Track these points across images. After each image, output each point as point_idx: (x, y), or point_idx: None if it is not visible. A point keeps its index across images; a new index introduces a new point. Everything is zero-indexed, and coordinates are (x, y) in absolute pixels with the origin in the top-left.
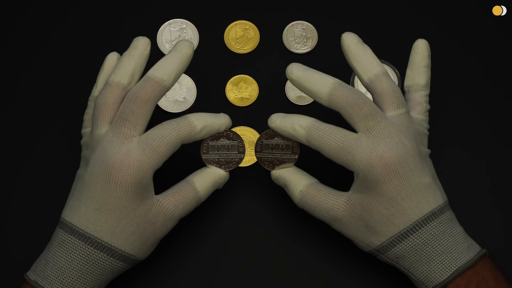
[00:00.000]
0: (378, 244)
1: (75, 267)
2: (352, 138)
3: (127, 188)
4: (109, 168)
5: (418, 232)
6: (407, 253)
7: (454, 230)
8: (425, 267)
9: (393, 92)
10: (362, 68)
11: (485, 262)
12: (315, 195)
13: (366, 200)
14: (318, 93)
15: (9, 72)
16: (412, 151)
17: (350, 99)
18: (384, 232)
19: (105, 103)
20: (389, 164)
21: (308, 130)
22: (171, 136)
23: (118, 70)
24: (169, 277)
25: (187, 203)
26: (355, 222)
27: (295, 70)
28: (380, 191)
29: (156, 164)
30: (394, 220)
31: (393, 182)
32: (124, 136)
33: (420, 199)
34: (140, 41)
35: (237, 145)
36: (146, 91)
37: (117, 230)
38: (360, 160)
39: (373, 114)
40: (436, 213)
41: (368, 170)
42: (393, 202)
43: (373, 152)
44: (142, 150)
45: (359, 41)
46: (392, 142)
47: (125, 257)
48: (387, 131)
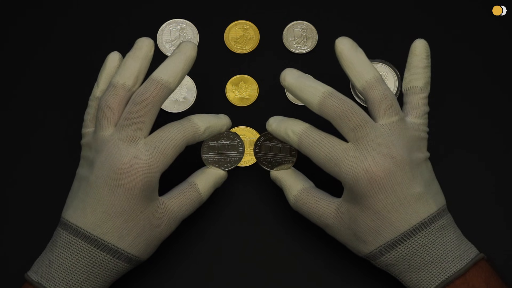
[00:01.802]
0: (367, 252)
1: (81, 269)
2: (340, 149)
3: (136, 191)
4: (118, 171)
5: (406, 243)
6: (396, 262)
7: (446, 238)
8: (413, 276)
9: (385, 100)
10: (355, 75)
11: (478, 269)
12: (307, 201)
13: (353, 211)
14: (309, 102)
15: (8, 71)
16: (401, 163)
17: (339, 109)
18: (371, 242)
19: (110, 105)
20: (374, 178)
21: (300, 137)
22: (177, 138)
23: (123, 72)
24: (169, 277)
25: (190, 205)
26: (345, 230)
27: (288, 77)
28: (366, 204)
29: (163, 166)
30: (381, 232)
31: (379, 196)
32: (131, 139)
33: (408, 211)
34: (145, 42)
35: (237, 145)
36: (152, 93)
37: (124, 233)
38: (346, 173)
39: (362, 125)
40: (426, 223)
41: (354, 184)
42: (379, 215)
43: (359, 166)
44: (150, 153)
45: (352, 47)
46: (380, 154)
47: (130, 259)
48: (376, 142)
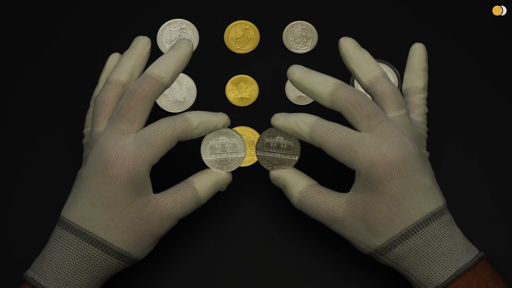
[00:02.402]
0: (378, 245)
1: (70, 263)
2: (355, 136)
3: (122, 182)
4: (105, 162)
5: (419, 233)
6: (408, 254)
7: (454, 232)
8: (425, 268)
9: (393, 93)
10: (361, 71)
11: (485, 264)
12: (314, 196)
13: (368, 199)
14: (320, 93)
15: (10, 72)
16: (414, 151)
17: (353, 99)
18: (385, 232)
19: (104, 100)
20: (392, 163)
21: (312, 127)
22: (167, 131)
23: (118, 68)
24: (169, 277)
25: (185, 203)
26: (356, 223)
27: (296, 71)
28: (382, 189)
29: (152, 159)
30: (395, 220)
31: (396, 181)
32: (121, 132)
33: (421, 199)
34: (140, 40)
35: (237, 144)
36: (143, 87)
37: (112, 225)
38: (363, 158)
39: (376, 113)
40: (436, 214)
41: (371, 168)
42: (395, 201)
43: (377, 151)
44: (138, 145)
45: (356, 45)
46: (395, 141)
47: (120, 254)
48: (390, 130)
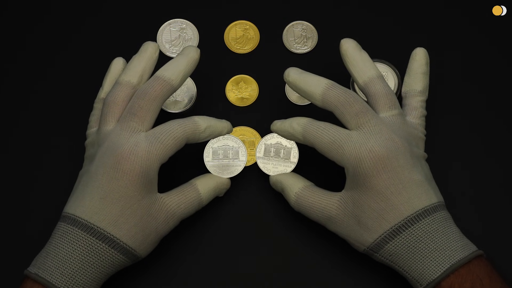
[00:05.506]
0: (371, 242)
1: (76, 258)
2: (343, 133)
3: (134, 177)
4: (118, 157)
5: (410, 229)
6: (401, 250)
7: (449, 229)
8: (418, 265)
9: (386, 94)
10: (358, 72)
11: (481, 262)
12: (309, 196)
13: (357, 195)
14: (312, 93)
15: (11, 74)
16: (402, 149)
17: (342, 98)
18: (376, 228)
19: (114, 101)
20: (378, 158)
21: (304, 127)
22: (178, 131)
23: (128, 71)
24: (169, 277)
25: (189, 204)
26: (348, 220)
27: (291, 73)
28: (369, 185)
29: (162, 156)
30: (385, 215)
31: (382, 176)
32: (132, 130)
33: (411, 195)
34: (150, 45)
35: (239, 151)
36: (155, 88)
37: (121, 221)
38: (349, 154)
39: (364, 111)
40: (428, 210)
41: (357, 164)
42: (382, 196)
43: (363, 147)
44: (150, 142)
45: (356, 47)
46: (382, 138)
47: (126, 250)
48: (378, 128)
